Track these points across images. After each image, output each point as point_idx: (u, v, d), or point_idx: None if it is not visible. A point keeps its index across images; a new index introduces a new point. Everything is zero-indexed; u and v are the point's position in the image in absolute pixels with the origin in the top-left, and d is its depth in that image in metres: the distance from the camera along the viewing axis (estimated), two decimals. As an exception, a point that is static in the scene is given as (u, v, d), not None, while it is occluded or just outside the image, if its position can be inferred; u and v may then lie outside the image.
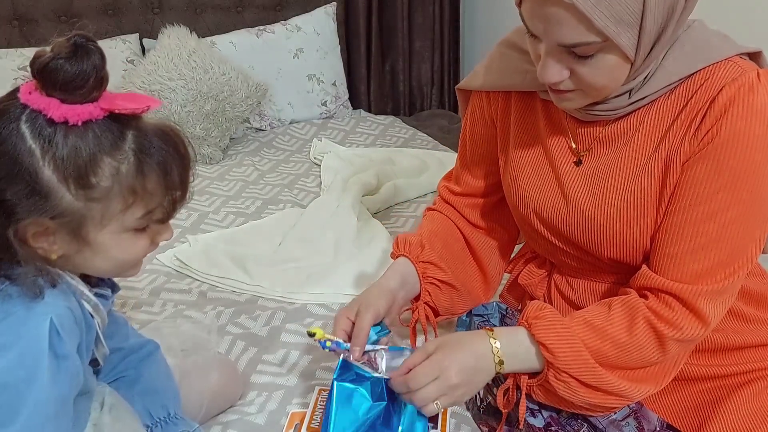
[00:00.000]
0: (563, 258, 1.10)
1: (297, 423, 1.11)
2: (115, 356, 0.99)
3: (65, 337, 0.77)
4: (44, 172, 0.72)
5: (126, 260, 0.83)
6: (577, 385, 0.94)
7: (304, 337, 1.37)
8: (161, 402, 1.00)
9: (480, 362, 0.96)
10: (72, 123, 0.72)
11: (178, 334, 1.23)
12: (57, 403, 0.77)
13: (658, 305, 0.93)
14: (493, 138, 1.17)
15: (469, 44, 3.12)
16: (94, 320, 0.86)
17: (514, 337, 0.97)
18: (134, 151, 0.76)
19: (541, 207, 1.07)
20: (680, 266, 0.93)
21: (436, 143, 2.52)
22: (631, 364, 0.94)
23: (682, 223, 0.93)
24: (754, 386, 1.02)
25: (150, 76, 2.30)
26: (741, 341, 1.04)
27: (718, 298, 0.93)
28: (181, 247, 1.73)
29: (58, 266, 0.80)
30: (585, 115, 0.99)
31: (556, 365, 0.93)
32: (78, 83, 0.72)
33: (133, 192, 0.76)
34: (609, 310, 0.96)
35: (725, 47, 0.93)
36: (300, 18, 2.70)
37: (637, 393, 0.95)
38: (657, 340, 0.93)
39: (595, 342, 0.93)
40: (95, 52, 0.72)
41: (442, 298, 1.19)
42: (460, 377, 0.95)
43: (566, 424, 1.06)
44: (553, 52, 0.88)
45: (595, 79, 0.89)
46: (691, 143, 0.92)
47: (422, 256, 1.17)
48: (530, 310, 0.98)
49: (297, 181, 2.20)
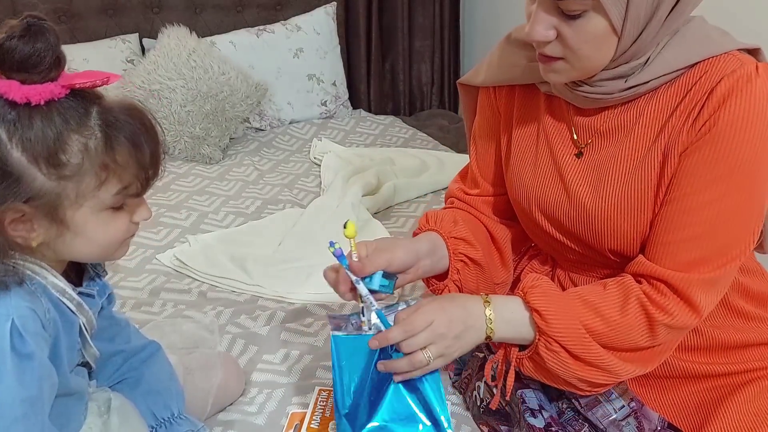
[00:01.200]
0: (564, 252, 1.10)
1: (297, 423, 1.11)
2: (118, 358, 0.99)
3: (28, 338, 0.76)
4: (13, 154, 0.72)
5: (108, 242, 0.82)
6: (567, 356, 0.94)
7: (304, 337, 1.37)
8: (164, 402, 1.00)
9: (470, 320, 0.96)
10: (35, 103, 0.72)
11: (180, 332, 1.23)
12: (25, 404, 0.75)
13: (651, 290, 0.94)
14: (500, 131, 1.17)
15: (469, 44, 3.12)
16: (80, 319, 0.85)
17: (508, 303, 0.98)
18: (100, 126, 0.76)
19: (543, 200, 1.07)
20: (674, 255, 0.93)
21: (436, 143, 2.52)
22: (621, 344, 0.95)
23: (678, 212, 0.93)
24: (756, 386, 1.02)
25: (150, 75, 2.30)
26: (743, 340, 1.04)
27: (711, 287, 0.93)
28: (181, 247, 1.74)
29: (40, 255, 0.80)
30: (581, 100, 1.00)
31: (548, 333, 0.93)
32: (34, 61, 0.72)
33: (104, 167, 0.76)
34: (604, 289, 0.97)
35: (725, 42, 0.94)
36: (300, 18, 2.70)
37: (624, 371, 0.96)
38: (648, 323, 0.93)
39: (588, 317, 0.94)
40: (49, 31, 0.73)
41: (469, 277, 1.15)
42: (449, 328, 0.95)
43: (567, 425, 1.06)
44: (544, 5, 0.90)
45: (580, 45, 0.90)
46: (689, 133, 0.92)
47: (454, 232, 1.14)
48: (527, 280, 0.99)
49: (297, 181, 2.20)
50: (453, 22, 3.03)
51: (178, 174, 2.22)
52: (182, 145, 2.33)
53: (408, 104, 3.07)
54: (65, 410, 0.87)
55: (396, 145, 2.53)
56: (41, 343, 0.78)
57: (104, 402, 0.95)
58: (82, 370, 0.92)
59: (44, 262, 0.81)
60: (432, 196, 2.09)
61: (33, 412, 0.76)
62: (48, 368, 0.79)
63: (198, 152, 2.33)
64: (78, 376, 0.90)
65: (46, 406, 0.79)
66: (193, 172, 2.24)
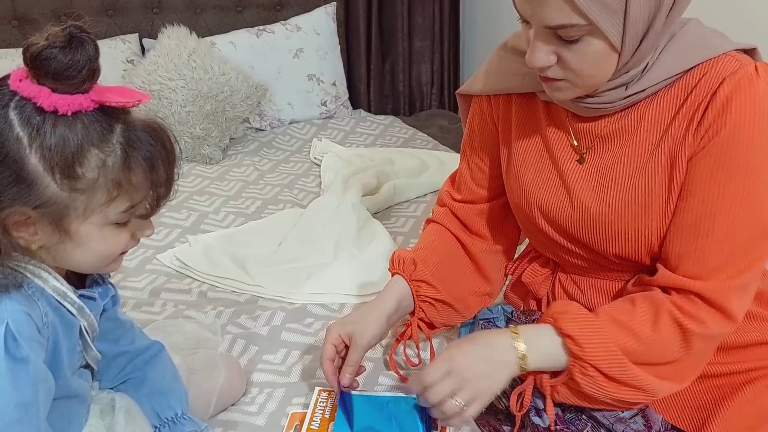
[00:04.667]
0: (568, 256, 1.10)
1: (297, 423, 1.11)
2: (122, 359, 0.99)
3: (23, 342, 0.75)
4: (30, 160, 0.72)
5: (106, 254, 0.82)
6: (603, 379, 0.93)
7: (305, 337, 1.37)
8: (168, 402, 0.99)
9: (497, 355, 0.95)
10: (61, 113, 0.72)
11: (183, 333, 1.23)
12: (19, 409, 0.75)
13: (681, 300, 0.93)
14: (495, 141, 1.17)
15: (469, 44, 3.12)
16: (80, 322, 0.85)
17: (538, 331, 0.97)
18: (122, 144, 0.76)
19: (546, 206, 1.07)
20: (699, 264, 0.93)
21: (436, 143, 2.52)
22: (656, 360, 0.94)
23: (696, 221, 0.93)
24: (757, 385, 1.02)
25: (150, 76, 2.30)
26: (744, 339, 1.04)
27: (742, 292, 0.93)
28: (181, 247, 1.73)
29: (39, 258, 0.79)
30: (582, 109, 1.00)
31: (583, 358, 0.92)
32: (70, 73, 0.71)
33: (118, 185, 0.76)
34: (633, 306, 0.96)
35: (722, 43, 0.94)
36: (300, 18, 2.70)
37: (661, 389, 0.95)
38: (682, 336, 0.93)
39: (621, 337, 0.93)
40: (89, 43, 0.72)
41: (436, 314, 1.21)
42: (472, 370, 0.94)
43: (570, 423, 1.06)
44: (541, 34, 0.90)
45: (582, 66, 0.90)
46: (695, 137, 0.92)
47: (415, 275, 1.18)
48: (555, 306, 0.98)
49: (297, 181, 2.20)
50: (453, 23, 3.04)
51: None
52: (182, 145, 2.33)
53: (408, 104, 3.08)
54: (66, 413, 0.87)
55: (396, 145, 2.53)
56: (36, 348, 0.78)
57: (107, 404, 0.95)
58: (84, 373, 0.92)
59: (45, 265, 0.81)
60: (432, 196, 2.08)
61: (28, 417, 0.76)
62: (43, 373, 0.78)
63: (198, 152, 2.34)
64: (80, 378, 0.90)
65: (41, 410, 0.78)
66: (193, 172, 2.25)
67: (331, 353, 1.10)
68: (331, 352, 1.10)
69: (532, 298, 1.20)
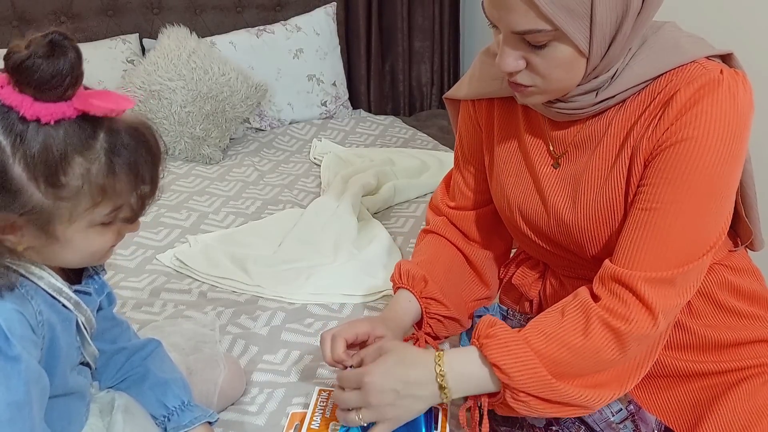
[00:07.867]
0: (552, 258, 1.11)
1: (297, 423, 1.11)
2: (120, 356, 0.99)
3: (15, 341, 0.75)
4: (14, 169, 0.71)
5: (93, 252, 0.82)
6: (537, 402, 0.92)
7: (305, 337, 1.37)
8: (174, 392, 0.99)
9: (414, 388, 0.94)
10: (44, 122, 0.71)
11: (182, 332, 1.23)
12: (11, 408, 0.74)
13: (610, 301, 0.93)
14: (482, 146, 1.18)
15: (469, 44, 3.12)
16: (77, 317, 0.85)
17: (466, 357, 0.95)
18: (106, 150, 0.75)
19: (525, 210, 1.09)
20: (631, 255, 0.93)
21: (436, 143, 2.52)
22: (590, 369, 0.93)
23: (641, 218, 0.93)
24: (749, 384, 1.02)
25: (150, 76, 2.30)
26: (736, 338, 1.04)
27: (666, 287, 0.92)
28: (181, 247, 1.74)
29: (27, 258, 0.79)
30: (555, 114, 1.00)
31: (512, 386, 0.91)
32: (54, 83, 0.71)
33: (102, 191, 0.76)
34: (562, 316, 0.95)
35: (694, 49, 0.94)
36: (300, 18, 2.70)
37: (599, 400, 0.93)
38: (614, 338, 0.91)
39: (551, 350, 0.91)
40: (72, 51, 0.71)
41: (443, 329, 1.20)
42: (380, 396, 0.93)
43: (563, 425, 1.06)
44: (509, 40, 0.90)
45: (550, 72, 0.90)
46: (650, 140, 0.93)
47: (425, 292, 1.17)
48: (481, 327, 0.95)
49: (297, 182, 2.20)
50: (453, 23, 3.04)
51: (179, 174, 2.22)
52: (182, 145, 2.33)
53: (408, 104, 3.08)
54: (66, 411, 0.87)
55: (396, 145, 2.53)
56: (30, 347, 0.78)
57: (107, 404, 0.95)
58: (84, 370, 0.92)
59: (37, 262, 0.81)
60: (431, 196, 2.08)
61: (20, 417, 0.75)
62: (37, 372, 0.78)
63: (198, 153, 2.34)
64: (79, 375, 0.90)
65: (35, 410, 0.78)
66: (193, 172, 2.25)
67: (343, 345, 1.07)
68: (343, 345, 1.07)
69: (526, 300, 1.20)
